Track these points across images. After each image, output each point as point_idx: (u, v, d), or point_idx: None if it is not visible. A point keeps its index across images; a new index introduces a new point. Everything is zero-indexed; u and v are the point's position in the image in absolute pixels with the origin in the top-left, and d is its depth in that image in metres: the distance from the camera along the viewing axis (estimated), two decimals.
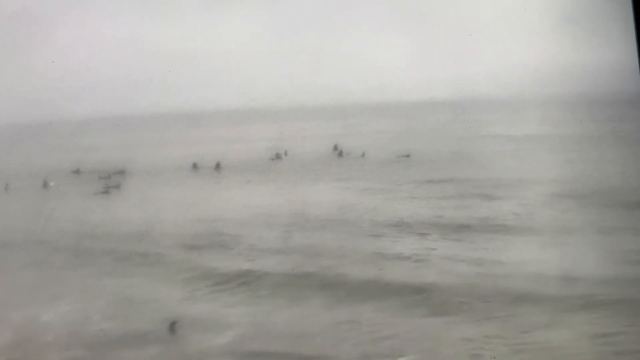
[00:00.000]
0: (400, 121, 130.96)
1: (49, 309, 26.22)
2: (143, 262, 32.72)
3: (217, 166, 64.07)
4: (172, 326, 23.24)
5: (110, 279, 30.34)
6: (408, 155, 65.49)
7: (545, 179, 40.65)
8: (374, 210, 37.35)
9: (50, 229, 39.77)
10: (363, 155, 66.95)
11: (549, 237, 30.36)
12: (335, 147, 74.68)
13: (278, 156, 70.54)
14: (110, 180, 56.21)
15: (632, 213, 35.09)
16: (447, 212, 35.47)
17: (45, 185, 58.46)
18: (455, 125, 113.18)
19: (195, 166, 62.87)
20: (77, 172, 62.35)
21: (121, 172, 59.34)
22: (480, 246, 28.98)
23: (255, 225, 35.68)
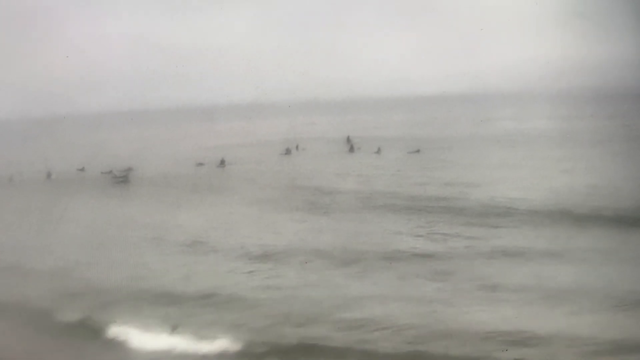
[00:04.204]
0: (412, 116, 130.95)
1: None
2: None
3: (222, 163, 63.22)
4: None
5: None
6: (418, 151, 65.77)
7: (554, 194, 36.45)
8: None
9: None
10: (378, 151, 66.94)
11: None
12: (348, 141, 74.95)
13: (288, 151, 70.04)
14: (119, 175, 56.69)
15: None
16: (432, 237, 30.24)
17: (48, 176, 59.57)
18: (466, 120, 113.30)
19: (199, 164, 62.01)
20: (82, 170, 62.89)
21: (129, 169, 59.62)
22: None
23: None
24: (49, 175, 59.36)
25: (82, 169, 62.79)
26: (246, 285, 26.02)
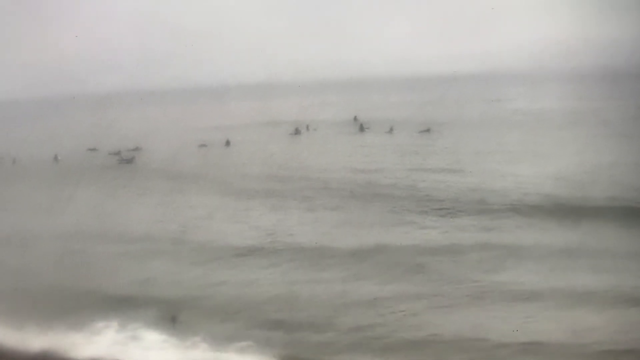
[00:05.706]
0: (422, 95, 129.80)
1: None
2: None
3: (227, 143, 62.38)
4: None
5: None
6: (428, 130, 65.47)
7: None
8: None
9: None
10: (390, 130, 66.49)
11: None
12: (355, 120, 74.54)
13: (297, 132, 69.33)
14: (125, 157, 55.56)
15: None
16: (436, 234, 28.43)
17: (55, 158, 57.76)
18: (477, 100, 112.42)
19: (202, 145, 60.91)
20: (94, 149, 61.96)
21: (137, 149, 59.01)
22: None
23: None
24: (55, 157, 56.98)
25: (94, 149, 62.18)
26: (249, 282, 24.53)
